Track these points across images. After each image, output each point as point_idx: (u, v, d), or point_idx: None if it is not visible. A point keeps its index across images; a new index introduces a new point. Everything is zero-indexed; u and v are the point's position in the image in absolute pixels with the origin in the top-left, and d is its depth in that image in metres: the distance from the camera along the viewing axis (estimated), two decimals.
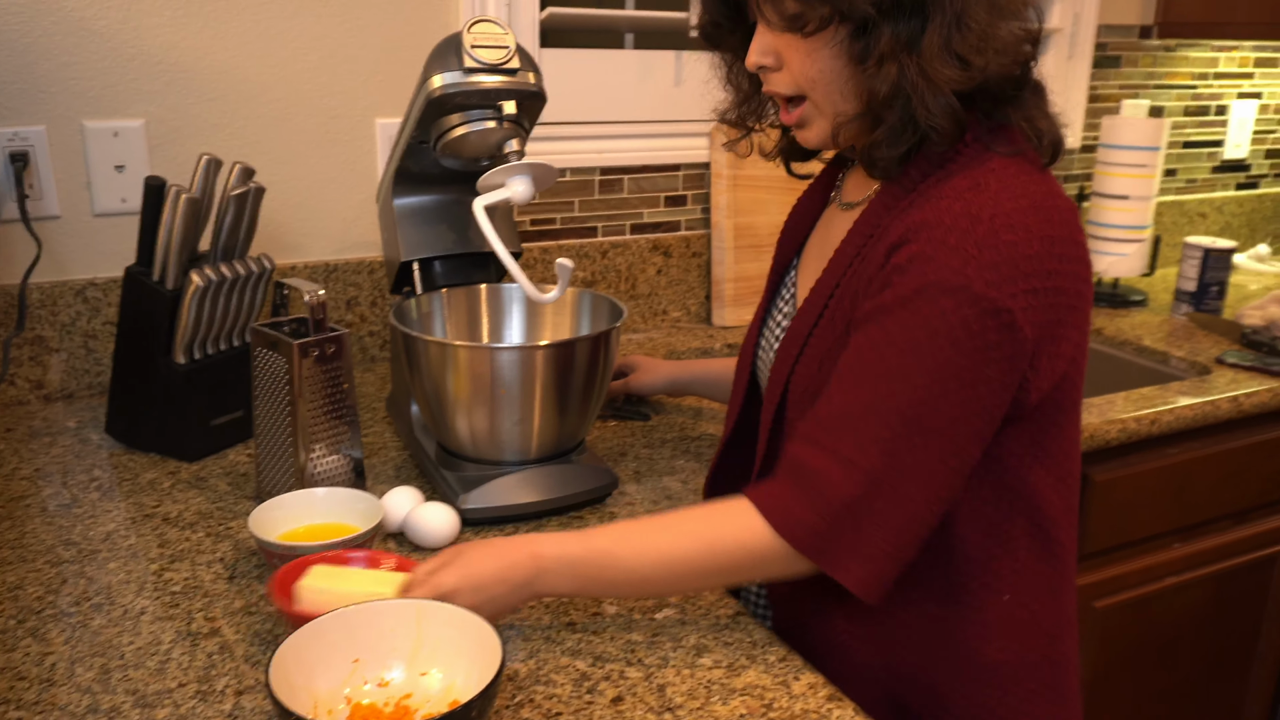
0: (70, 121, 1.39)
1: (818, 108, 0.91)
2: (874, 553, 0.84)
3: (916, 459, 0.82)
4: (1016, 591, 0.94)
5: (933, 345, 0.81)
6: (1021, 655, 0.94)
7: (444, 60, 1.11)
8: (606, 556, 0.87)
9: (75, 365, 1.44)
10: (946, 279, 0.81)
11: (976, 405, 0.83)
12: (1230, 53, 2.41)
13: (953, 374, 0.81)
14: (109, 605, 0.94)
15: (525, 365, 1.07)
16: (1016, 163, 0.87)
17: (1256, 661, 1.89)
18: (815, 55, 0.88)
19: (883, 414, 0.82)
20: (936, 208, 0.84)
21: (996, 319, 0.81)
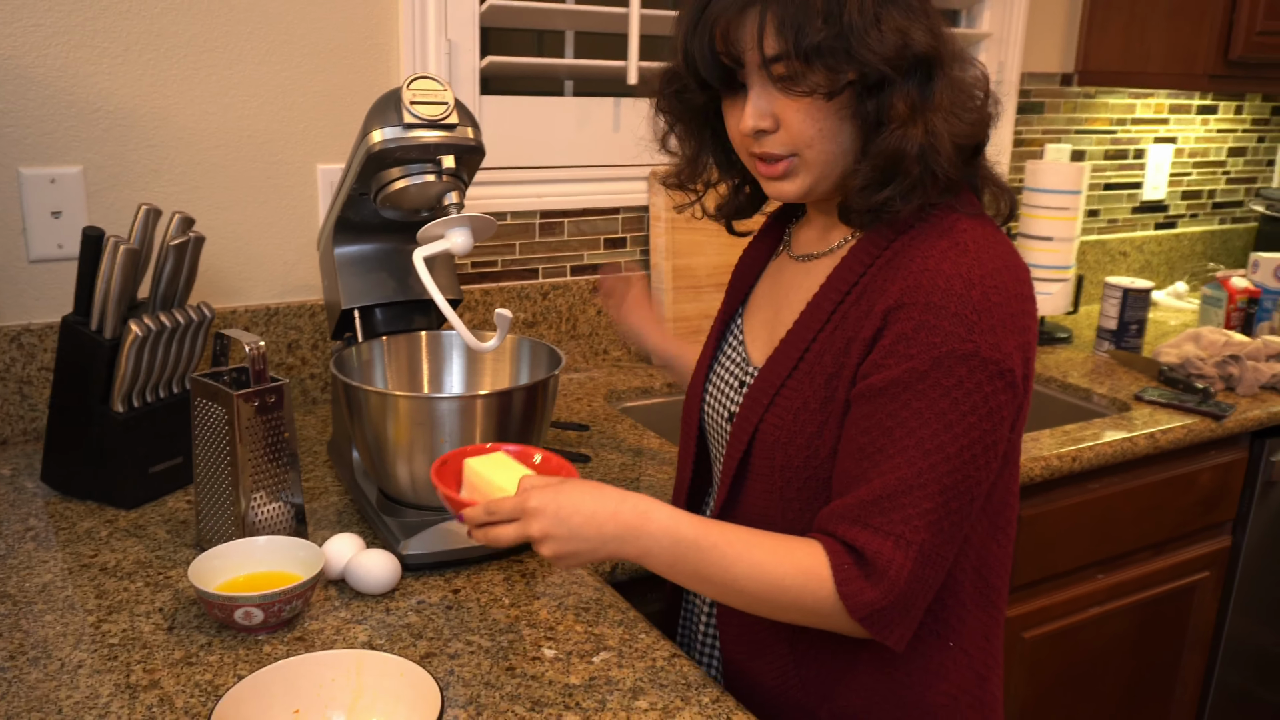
0: (6, 168, 1.39)
1: (807, 164, 0.93)
2: (917, 614, 0.89)
3: (954, 523, 0.88)
4: (959, 638, 0.99)
5: (956, 414, 0.86)
6: (956, 698, 0.99)
7: (384, 115, 1.13)
8: (715, 550, 0.89)
9: (9, 411, 1.43)
10: (956, 348, 0.86)
11: (995, 463, 0.90)
12: (1146, 99, 2.52)
13: (978, 439, 0.87)
14: (45, 659, 0.94)
15: (465, 414, 1.10)
16: (981, 222, 0.93)
17: (1179, 686, 1.95)
18: (815, 116, 0.90)
19: (926, 488, 0.87)
20: (925, 269, 0.89)
21: (1003, 379, 0.87)
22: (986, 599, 1.00)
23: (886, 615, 0.87)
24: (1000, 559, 1.00)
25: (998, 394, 0.87)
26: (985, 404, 0.87)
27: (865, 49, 0.85)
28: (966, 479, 0.87)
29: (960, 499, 0.87)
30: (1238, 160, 2.78)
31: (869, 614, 0.87)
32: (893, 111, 0.88)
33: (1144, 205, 2.64)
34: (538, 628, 1.03)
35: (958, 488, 0.87)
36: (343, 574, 1.08)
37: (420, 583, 1.10)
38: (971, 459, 0.87)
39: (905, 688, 0.98)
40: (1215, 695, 2.01)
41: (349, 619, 1.03)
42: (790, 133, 0.92)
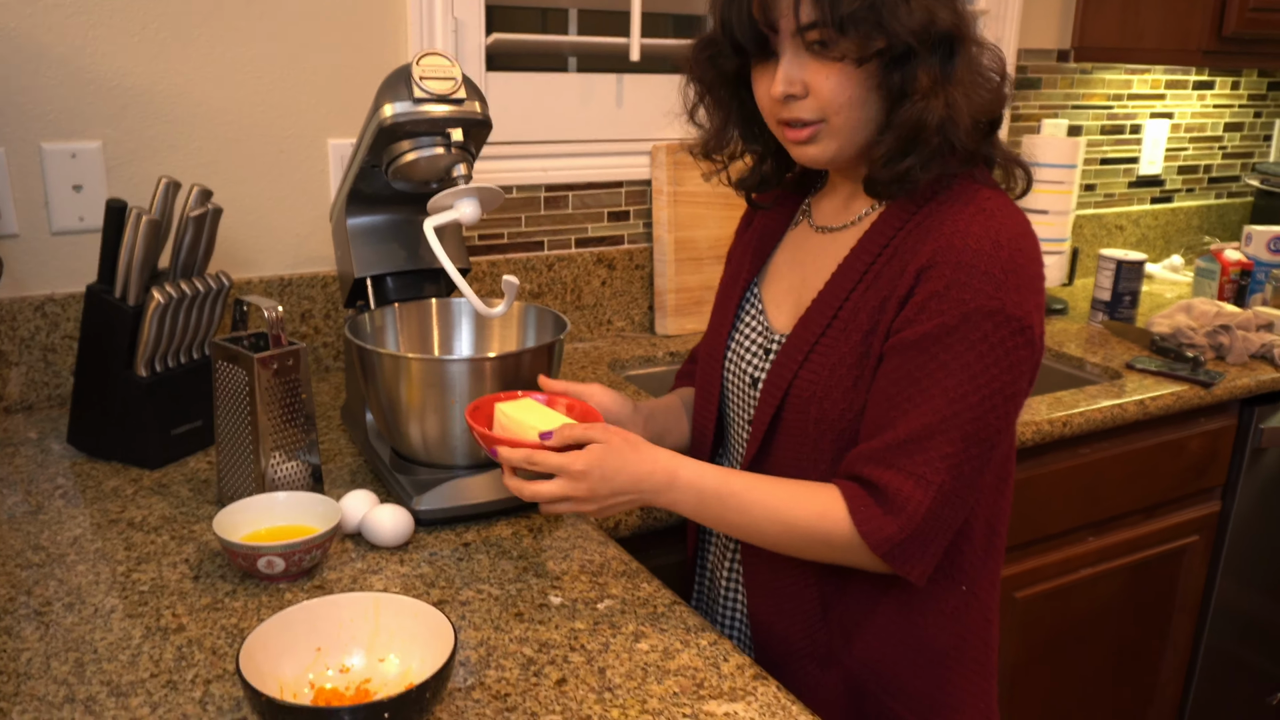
0: (29, 143, 1.44)
1: (833, 130, 0.98)
2: (936, 550, 0.96)
3: (973, 468, 0.94)
4: (970, 582, 1.06)
5: (980, 366, 0.92)
6: (966, 640, 1.06)
7: (394, 90, 1.18)
8: (734, 498, 0.98)
9: (34, 378, 1.48)
10: (984, 305, 0.92)
11: (1012, 416, 0.96)
12: (1143, 75, 2.55)
13: (998, 389, 0.93)
14: (80, 604, 1.00)
15: (474, 375, 1.14)
16: (999, 193, 0.99)
17: (1169, 648, 2.01)
18: (844, 84, 0.95)
19: (949, 433, 0.93)
20: (956, 231, 0.95)
21: (1024, 335, 0.93)
22: (994, 546, 1.07)
23: (905, 549, 0.94)
24: (1004, 509, 1.08)
25: (1019, 349, 0.93)
26: (1007, 358, 0.93)
27: (895, 20, 0.91)
28: (986, 427, 0.93)
29: (980, 446, 0.94)
30: (1234, 135, 2.81)
31: (889, 548, 0.94)
32: (916, 84, 0.94)
33: (1140, 180, 2.67)
34: (545, 578, 1.08)
35: (978, 435, 0.93)
36: (358, 528, 1.13)
37: (432, 536, 1.15)
38: (992, 408, 0.93)
39: (922, 630, 1.04)
40: (1204, 658, 2.06)
41: (365, 569, 1.08)
42: (819, 99, 0.96)
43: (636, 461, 0.98)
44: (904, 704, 1.05)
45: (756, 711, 0.88)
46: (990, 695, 1.10)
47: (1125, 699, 1.98)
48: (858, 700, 1.06)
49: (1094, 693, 1.92)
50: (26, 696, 0.86)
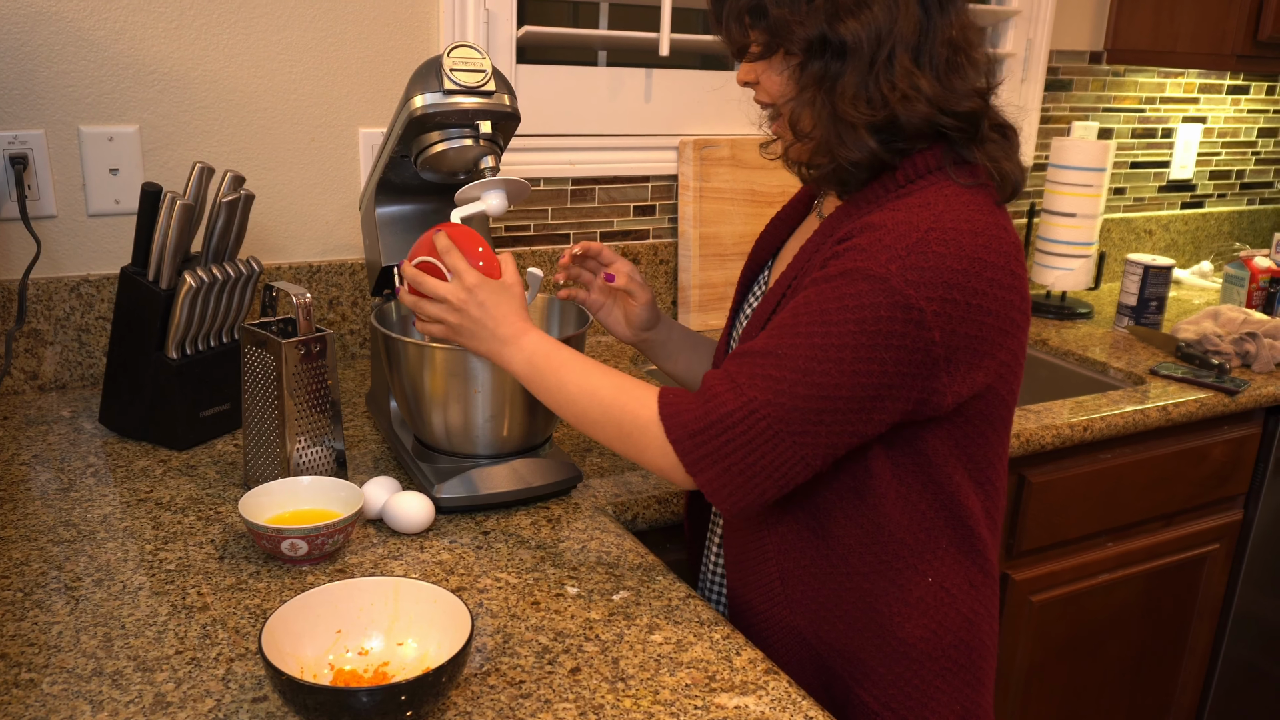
0: (68, 126, 1.46)
1: (784, 126, 1.02)
2: (730, 468, 0.94)
3: (795, 405, 0.92)
4: (938, 575, 1.04)
5: (840, 316, 0.91)
6: (938, 635, 1.04)
7: (425, 82, 1.19)
8: (555, 372, 1.04)
9: (69, 357, 1.51)
10: (870, 269, 0.91)
11: (863, 379, 0.91)
12: (1176, 79, 2.53)
13: (849, 344, 0.91)
14: (109, 581, 1.02)
15: (497, 366, 1.16)
16: (972, 193, 0.96)
17: (1187, 656, 2.00)
18: (775, 79, 1.00)
19: (780, 358, 0.93)
20: (884, 215, 0.94)
21: (905, 313, 0.90)
22: (968, 546, 1.04)
23: (695, 441, 0.94)
24: (983, 512, 1.05)
25: (893, 322, 0.90)
26: (874, 323, 0.90)
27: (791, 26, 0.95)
28: (824, 374, 0.91)
29: (810, 389, 0.91)
30: (1268, 141, 2.79)
31: (680, 433, 0.95)
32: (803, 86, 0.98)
33: (1171, 184, 2.65)
34: (561, 568, 1.09)
35: (812, 376, 0.91)
36: (380, 514, 1.15)
37: (452, 524, 1.17)
38: (837, 361, 0.91)
39: (886, 619, 1.03)
40: (1223, 667, 2.05)
41: (385, 555, 1.10)
42: (765, 90, 1.02)
43: (505, 306, 1.07)
44: (870, 692, 1.04)
45: (768, 705, 0.89)
46: (977, 705, 1.08)
47: (1142, 706, 1.98)
48: (826, 683, 1.06)
49: (1110, 699, 1.92)
50: (56, 669, 0.88)
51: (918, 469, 1.00)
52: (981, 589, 1.07)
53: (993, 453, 1.04)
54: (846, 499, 1.01)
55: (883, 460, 0.99)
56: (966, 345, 0.93)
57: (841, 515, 1.02)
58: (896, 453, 0.99)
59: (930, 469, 1.00)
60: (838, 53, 0.94)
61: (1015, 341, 0.98)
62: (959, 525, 1.03)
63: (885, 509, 1.00)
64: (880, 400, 0.93)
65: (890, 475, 0.99)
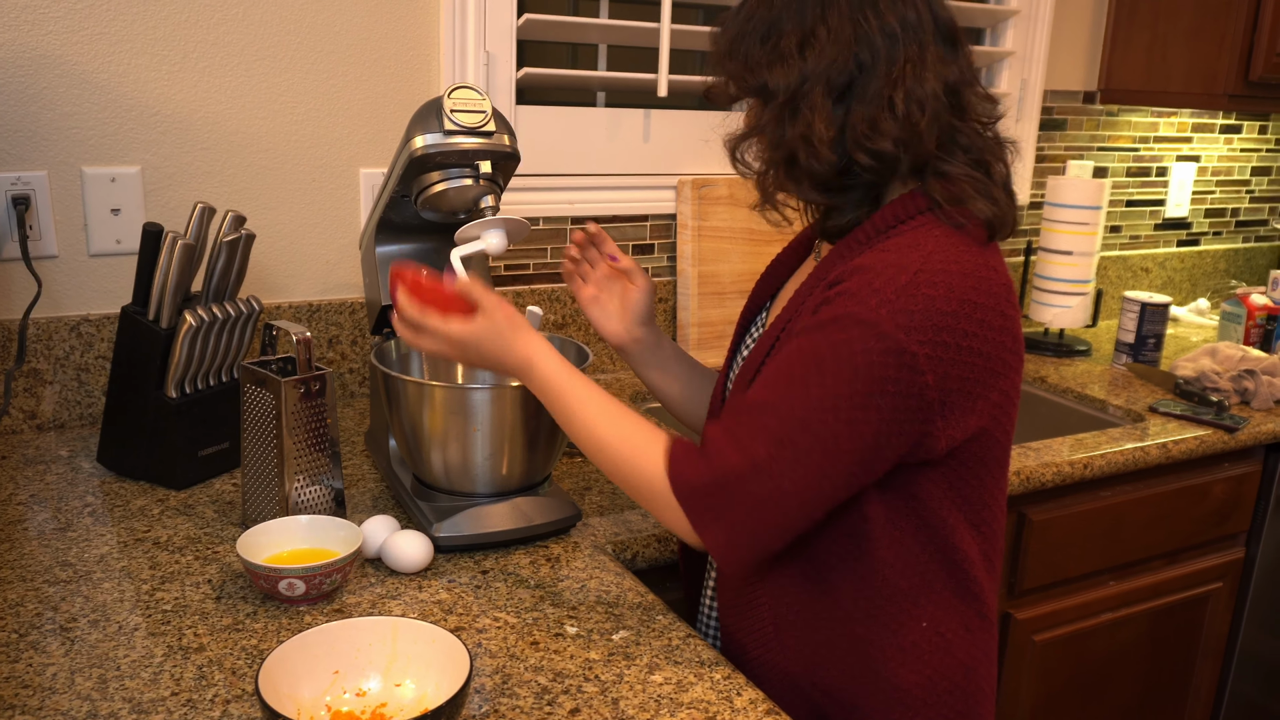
0: (70, 167, 1.47)
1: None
2: (736, 524, 0.94)
3: (797, 460, 0.92)
4: (933, 620, 1.02)
5: (834, 365, 0.91)
6: (934, 682, 1.03)
7: (426, 122, 1.20)
8: (565, 406, 1.04)
9: (68, 397, 1.51)
10: (861, 314, 0.90)
11: (861, 428, 0.91)
12: (1169, 118, 2.55)
13: (845, 394, 0.90)
14: (104, 621, 1.01)
15: (497, 404, 1.16)
16: (960, 234, 0.96)
17: (1191, 696, 1.98)
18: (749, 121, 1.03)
19: (779, 412, 0.93)
20: (873, 257, 0.94)
21: (898, 358, 0.89)
22: (965, 590, 1.03)
23: (703, 501, 0.95)
24: (980, 555, 1.04)
25: (886, 367, 0.89)
26: (868, 370, 0.89)
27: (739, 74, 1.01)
28: (823, 424, 0.91)
29: (810, 439, 0.91)
30: (1261, 179, 2.81)
31: (688, 492, 0.95)
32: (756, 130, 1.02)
33: (1166, 222, 2.67)
34: (561, 607, 1.09)
35: (810, 426, 0.91)
36: (379, 553, 1.15)
37: (451, 563, 1.16)
38: (834, 409, 0.90)
39: (881, 664, 1.02)
40: (1228, 707, 2.03)
41: (384, 594, 1.09)
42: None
43: (507, 344, 1.06)
44: None
45: None
46: None
47: None
48: None
49: None
50: (51, 711, 0.87)
51: (911, 512, 0.99)
52: (978, 633, 1.06)
53: (988, 494, 1.03)
54: (840, 543, 1.00)
55: (876, 504, 0.98)
56: (959, 388, 0.93)
57: (835, 560, 1.01)
58: (890, 496, 0.98)
59: (924, 512, 0.99)
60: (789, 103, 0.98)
61: (1008, 383, 0.97)
62: (954, 569, 1.02)
63: (879, 553, 0.99)
64: (878, 449, 0.93)
65: (884, 519, 0.99)
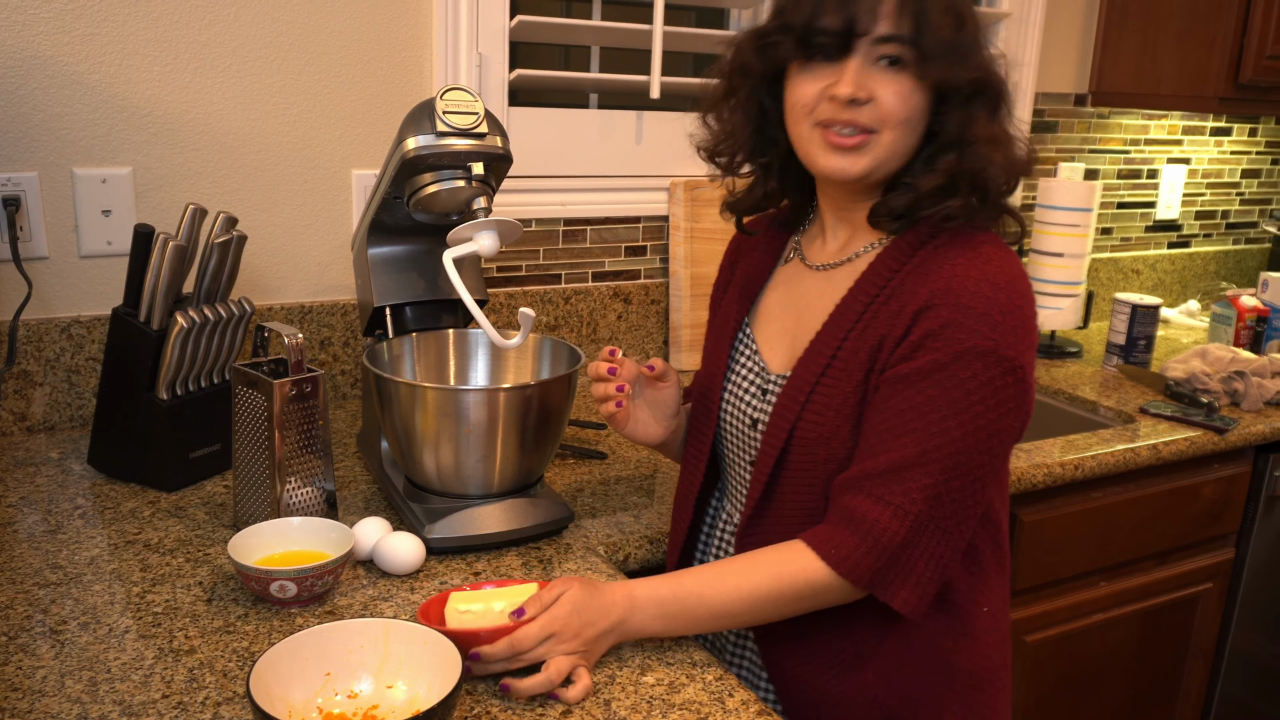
0: (61, 169, 1.47)
1: (879, 145, 0.99)
2: (920, 579, 0.97)
3: (955, 500, 0.96)
4: (990, 603, 1.08)
5: (967, 402, 0.94)
6: (994, 660, 1.09)
7: (418, 124, 1.20)
8: (694, 597, 0.99)
9: (58, 399, 1.50)
10: (978, 344, 0.94)
11: (998, 450, 0.97)
12: (1160, 120, 2.56)
13: (983, 427, 0.95)
14: (95, 624, 1.01)
15: (489, 406, 1.16)
16: (994, 238, 1.02)
17: (1181, 696, 1.99)
18: (907, 101, 0.98)
19: (927, 466, 0.95)
20: (954, 275, 0.97)
21: (1015, 375, 0.95)
22: (1001, 562, 1.10)
23: (884, 576, 0.96)
24: (1005, 521, 1.12)
25: (1008, 387, 0.95)
26: (995, 396, 0.94)
27: (968, 58, 0.97)
28: (970, 461, 0.95)
29: (962, 479, 0.95)
30: (1252, 181, 2.82)
31: (869, 577, 0.96)
32: (977, 128, 0.98)
33: (1157, 224, 2.68)
34: None
35: (960, 468, 0.95)
36: (371, 555, 1.14)
37: (443, 565, 1.16)
38: (976, 444, 0.95)
39: (954, 656, 1.06)
40: (1218, 707, 2.04)
41: (376, 596, 1.09)
42: (880, 109, 0.98)
43: (601, 596, 0.98)
44: None
45: None
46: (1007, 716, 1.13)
47: None
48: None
49: None
50: (41, 714, 0.87)
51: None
52: (1008, 601, 1.12)
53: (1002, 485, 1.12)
54: None
55: None
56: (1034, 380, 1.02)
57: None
58: None
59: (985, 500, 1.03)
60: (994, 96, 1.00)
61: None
62: (995, 545, 1.08)
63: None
64: (1005, 457, 1.01)
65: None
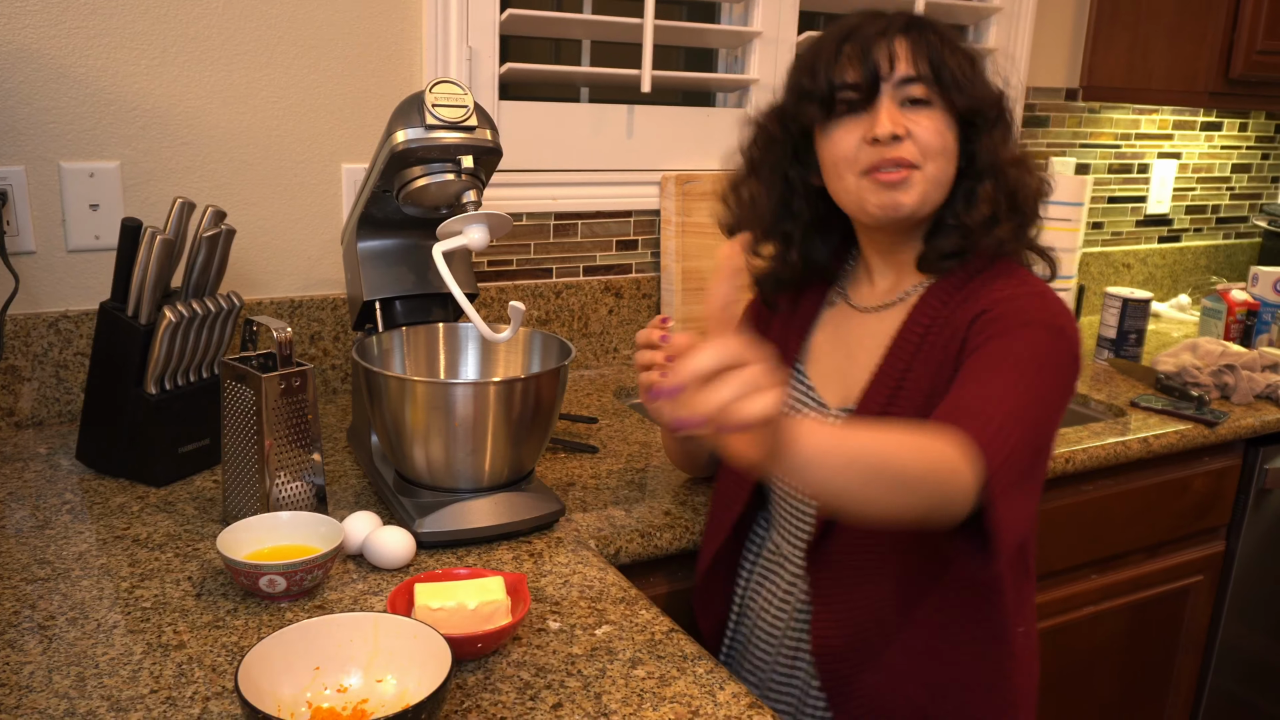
0: (48, 162, 1.46)
1: (923, 179, 1.05)
2: (1020, 517, 0.91)
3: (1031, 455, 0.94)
4: (1025, 622, 1.11)
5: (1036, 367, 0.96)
6: (1029, 675, 1.12)
7: (407, 117, 1.20)
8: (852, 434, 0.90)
9: (46, 394, 1.49)
10: (1045, 319, 0.98)
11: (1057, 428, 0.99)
12: (1150, 115, 2.57)
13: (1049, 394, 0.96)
14: (83, 619, 1.00)
15: (479, 400, 1.16)
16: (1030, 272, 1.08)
17: (1172, 689, 1.99)
18: (941, 133, 1.04)
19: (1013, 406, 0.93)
20: (1004, 293, 1.01)
21: (1075, 363, 0.99)
22: (1028, 569, 1.13)
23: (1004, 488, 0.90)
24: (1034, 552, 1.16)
25: (1068, 366, 0.98)
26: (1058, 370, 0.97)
27: (982, 88, 1.04)
28: (1040, 423, 0.95)
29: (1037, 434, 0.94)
30: (1242, 176, 2.82)
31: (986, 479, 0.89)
32: (1003, 153, 1.04)
33: (1148, 219, 2.68)
34: (544, 602, 1.08)
35: (1037, 423, 0.95)
36: (361, 549, 1.14)
37: (433, 559, 1.16)
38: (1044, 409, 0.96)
39: (996, 672, 1.09)
40: (1209, 699, 2.05)
41: (366, 590, 1.09)
42: (919, 142, 1.03)
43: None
44: None
45: None
46: None
47: None
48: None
49: None
50: (28, 709, 0.87)
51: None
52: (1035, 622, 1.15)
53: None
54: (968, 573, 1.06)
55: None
56: None
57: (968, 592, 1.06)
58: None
59: None
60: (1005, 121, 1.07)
61: None
62: (1024, 553, 1.11)
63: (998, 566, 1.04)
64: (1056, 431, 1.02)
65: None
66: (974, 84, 1.04)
